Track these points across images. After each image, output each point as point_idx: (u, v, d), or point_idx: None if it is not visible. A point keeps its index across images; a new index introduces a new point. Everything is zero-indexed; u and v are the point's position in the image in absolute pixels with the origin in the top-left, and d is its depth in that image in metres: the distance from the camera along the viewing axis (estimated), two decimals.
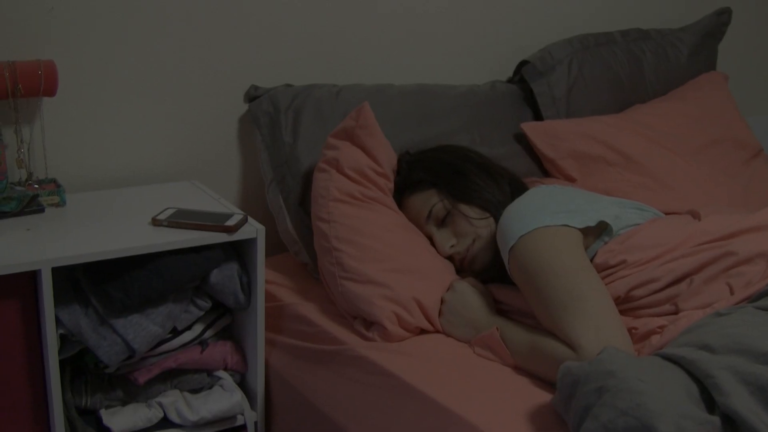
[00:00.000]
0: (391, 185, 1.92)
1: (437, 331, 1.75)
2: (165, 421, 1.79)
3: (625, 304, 1.65)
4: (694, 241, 1.67)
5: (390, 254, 1.78)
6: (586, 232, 1.70)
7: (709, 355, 1.30)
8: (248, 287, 1.80)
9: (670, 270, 1.63)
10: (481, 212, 1.84)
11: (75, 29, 1.90)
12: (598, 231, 1.74)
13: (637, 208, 1.84)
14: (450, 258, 1.87)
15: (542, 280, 1.58)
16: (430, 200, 1.87)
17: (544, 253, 1.61)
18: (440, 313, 1.75)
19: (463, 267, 1.87)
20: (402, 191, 1.93)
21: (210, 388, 1.86)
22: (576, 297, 1.53)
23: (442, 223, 1.87)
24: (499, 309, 1.75)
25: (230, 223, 1.72)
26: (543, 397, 1.47)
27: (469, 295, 1.75)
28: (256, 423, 1.88)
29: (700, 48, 2.68)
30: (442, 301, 1.76)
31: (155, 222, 1.73)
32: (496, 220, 1.80)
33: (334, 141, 1.91)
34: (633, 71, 2.53)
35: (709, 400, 1.24)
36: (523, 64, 2.43)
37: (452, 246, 1.86)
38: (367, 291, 1.73)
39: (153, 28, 1.98)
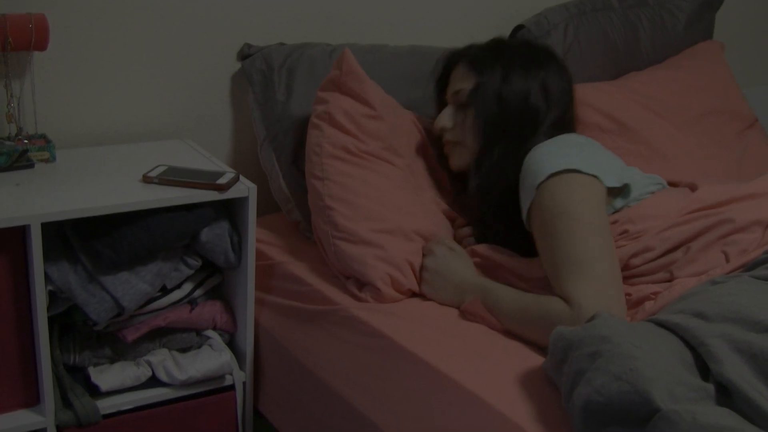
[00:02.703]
0: (389, 126, 1.89)
1: None
2: (153, 380, 1.79)
3: (623, 272, 1.63)
4: (689, 209, 1.66)
5: (383, 214, 1.77)
6: (608, 191, 1.67)
7: (703, 322, 1.30)
8: (239, 246, 1.79)
9: (666, 238, 1.62)
10: (481, 145, 1.80)
11: None
12: (613, 196, 1.71)
13: (655, 182, 1.78)
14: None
15: (562, 226, 1.56)
16: (466, 82, 1.84)
17: (572, 197, 1.58)
18: (421, 279, 1.74)
19: (443, 153, 1.91)
20: (462, 57, 1.90)
21: (199, 347, 1.86)
22: (589, 256, 1.51)
23: (457, 106, 1.86)
24: (492, 269, 1.74)
25: (222, 181, 1.71)
26: (536, 360, 1.47)
27: (451, 260, 1.72)
28: (244, 383, 1.88)
29: (697, 16, 2.66)
30: (422, 268, 1.74)
31: (146, 179, 1.72)
32: (475, 172, 1.79)
33: (323, 94, 1.88)
34: (629, 38, 2.52)
35: (703, 367, 1.25)
36: (519, 28, 2.41)
37: (442, 128, 1.87)
38: (361, 251, 1.72)
39: None
